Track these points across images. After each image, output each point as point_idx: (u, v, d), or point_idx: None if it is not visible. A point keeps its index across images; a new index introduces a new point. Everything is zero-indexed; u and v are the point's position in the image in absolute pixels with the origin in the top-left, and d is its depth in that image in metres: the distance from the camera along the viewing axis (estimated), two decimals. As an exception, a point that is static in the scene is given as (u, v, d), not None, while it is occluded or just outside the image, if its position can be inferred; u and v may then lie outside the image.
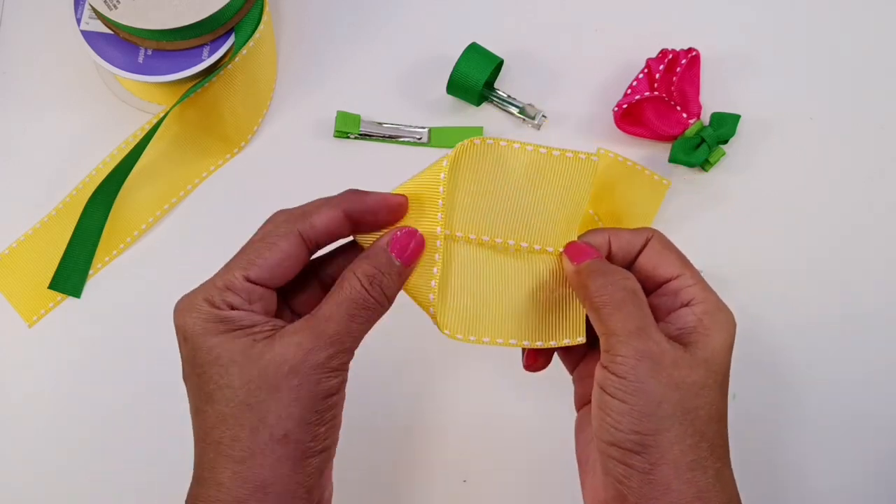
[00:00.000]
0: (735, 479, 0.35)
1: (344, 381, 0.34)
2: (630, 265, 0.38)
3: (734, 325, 0.36)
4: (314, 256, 0.37)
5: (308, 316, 0.34)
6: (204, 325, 0.33)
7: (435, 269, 0.36)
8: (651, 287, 0.38)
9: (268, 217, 0.36)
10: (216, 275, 0.34)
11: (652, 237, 0.38)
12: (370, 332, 0.35)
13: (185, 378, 0.34)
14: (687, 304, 0.36)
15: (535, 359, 0.40)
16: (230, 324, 0.33)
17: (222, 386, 0.32)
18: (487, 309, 0.38)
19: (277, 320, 0.34)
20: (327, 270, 0.38)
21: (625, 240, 0.38)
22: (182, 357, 0.34)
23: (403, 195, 0.36)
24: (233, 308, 0.33)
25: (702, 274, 0.37)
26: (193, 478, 0.34)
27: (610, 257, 0.38)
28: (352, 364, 0.34)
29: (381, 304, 0.34)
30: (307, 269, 0.37)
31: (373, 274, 0.34)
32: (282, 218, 0.35)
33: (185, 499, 0.34)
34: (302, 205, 0.35)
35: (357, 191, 0.36)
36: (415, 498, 0.51)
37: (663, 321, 0.36)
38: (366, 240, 0.36)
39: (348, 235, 0.36)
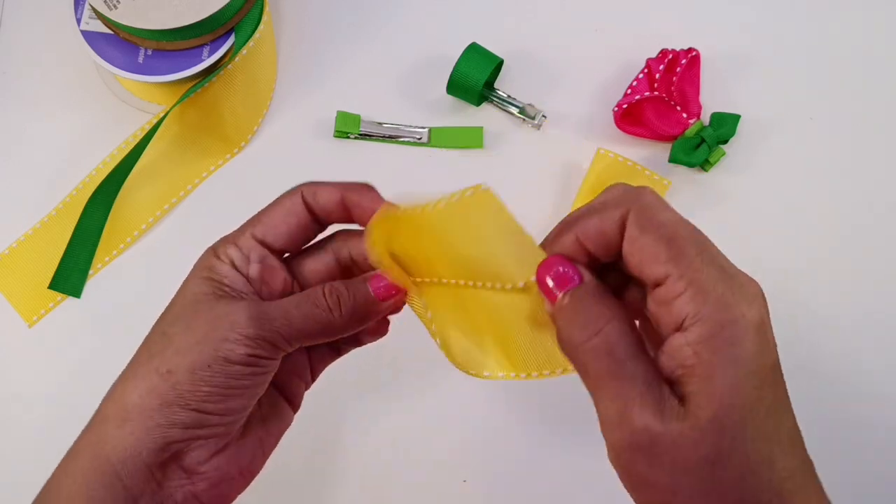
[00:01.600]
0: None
1: (255, 362, 0.32)
2: (618, 249, 0.30)
3: (751, 327, 0.27)
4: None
5: (274, 302, 0.34)
6: (199, 268, 0.34)
7: (429, 314, 0.35)
8: (650, 287, 0.30)
9: None
10: (232, 234, 0.36)
11: (629, 213, 0.29)
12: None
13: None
14: (680, 327, 0.27)
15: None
16: (214, 273, 0.34)
17: (166, 311, 0.34)
18: (483, 342, 0.35)
19: (254, 296, 0.34)
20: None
21: (593, 231, 0.30)
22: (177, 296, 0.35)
23: (389, 203, 0.35)
24: (233, 264, 0.34)
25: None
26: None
27: (590, 255, 0.31)
28: (352, 364, 0.34)
29: (331, 310, 0.34)
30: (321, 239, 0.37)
31: (338, 287, 0.34)
32: (298, 186, 0.36)
33: None
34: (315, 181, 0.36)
35: (367, 188, 0.35)
36: (415, 498, 0.51)
37: (663, 353, 0.28)
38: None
39: (346, 221, 0.36)
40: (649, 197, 0.29)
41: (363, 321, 0.35)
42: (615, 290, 0.31)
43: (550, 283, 0.30)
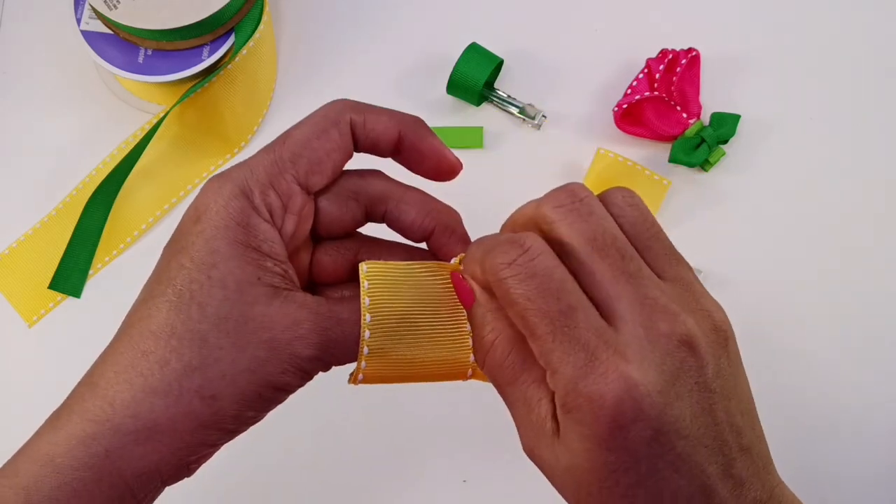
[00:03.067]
0: None
1: (301, 387, 0.29)
2: None
3: (607, 421, 0.24)
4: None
5: (324, 300, 0.29)
6: (226, 218, 0.28)
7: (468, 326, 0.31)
8: None
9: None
10: (258, 161, 0.29)
11: (495, 286, 0.27)
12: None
13: (165, 250, 0.30)
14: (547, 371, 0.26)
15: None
16: (251, 236, 0.28)
17: (194, 301, 0.28)
18: None
19: (291, 269, 0.29)
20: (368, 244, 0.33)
21: (481, 274, 0.28)
22: (180, 231, 0.30)
23: (459, 161, 0.32)
24: (271, 218, 0.29)
25: (700, 275, 0.31)
26: (89, 373, 0.30)
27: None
28: (351, 365, 0.33)
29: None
30: (351, 234, 0.33)
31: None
32: (336, 104, 0.31)
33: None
34: (362, 103, 0.31)
35: (423, 123, 0.32)
36: (415, 498, 0.51)
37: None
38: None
39: (390, 156, 0.32)
40: (518, 256, 0.26)
41: None
42: None
43: (460, 299, 0.30)
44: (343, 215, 0.32)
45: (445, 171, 0.32)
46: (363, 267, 0.30)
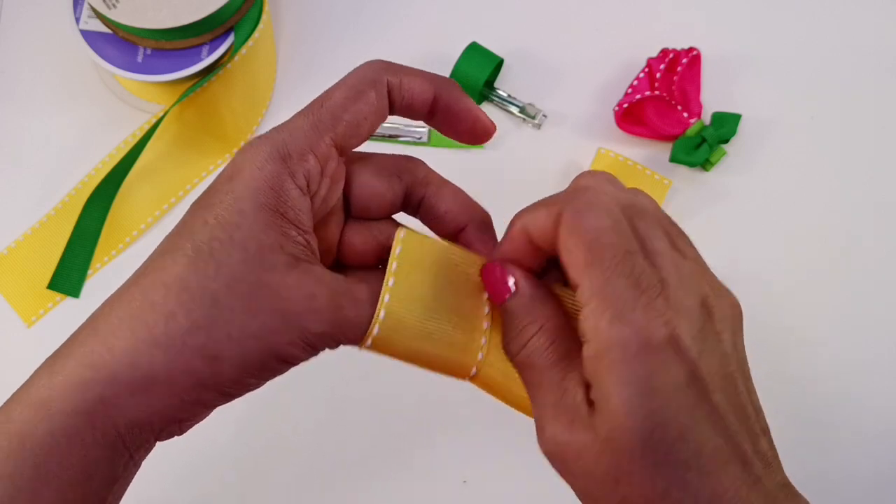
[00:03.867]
0: None
1: (305, 360, 0.29)
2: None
3: (647, 355, 0.25)
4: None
5: (343, 279, 0.29)
6: (257, 180, 0.28)
7: (485, 324, 0.31)
8: None
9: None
10: (296, 124, 0.29)
11: (562, 215, 0.27)
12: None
13: (193, 206, 0.29)
14: (584, 341, 0.27)
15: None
16: (280, 202, 0.28)
17: (213, 258, 0.27)
18: None
19: (313, 238, 0.29)
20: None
21: (538, 224, 0.28)
22: (214, 186, 0.29)
23: (494, 124, 0.32)
24: (307, 187, 0.28)
25: None
26: (93, 314, 0.29)
27: (535, 252, 0.30)
28: (352, 364, 0.32)
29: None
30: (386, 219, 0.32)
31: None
32: (372, 64, 0.31)
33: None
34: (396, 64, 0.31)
35: (458, 86, 0.31)
36: (415, 498, 0.51)
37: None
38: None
39: (422, 119, 0.32)
40: (588, 197, 0.28)
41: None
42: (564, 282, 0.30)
43: (492, 293, 0.30)
44: (385, 191, 0.32)
45: (480, 133, 0.32)
46: (400, 232, 0.30)
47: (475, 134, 0.32)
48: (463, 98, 0.31)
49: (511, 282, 0.30)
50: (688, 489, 0.26)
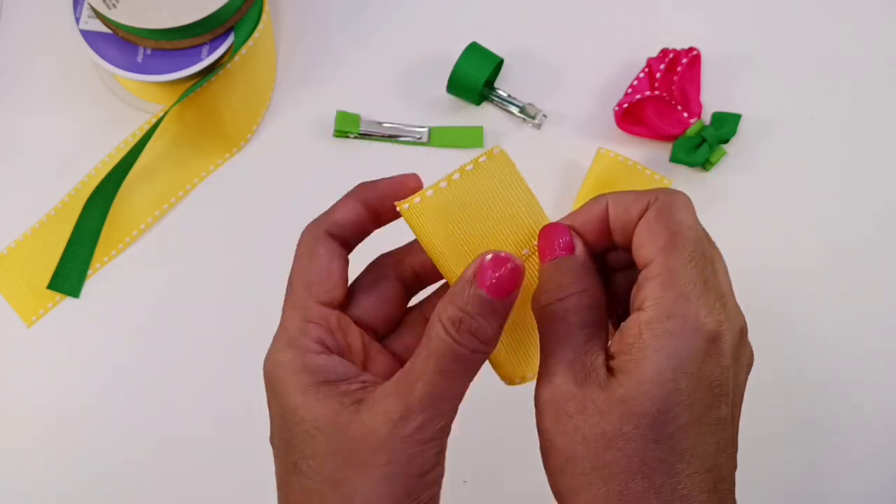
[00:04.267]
0: None
1: (442, 452, 0.30)
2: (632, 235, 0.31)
3: (698, 331, 0.27)
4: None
5: (398, 374, 0.29)
6: (287, 375, 0.29)
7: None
8: (629, 240, 0.31)
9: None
10: (285, 315, 0.31)
11: (656, 201, 0.30)
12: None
13: (271, 439, 0.31)
14: (639, 309, 0.28)
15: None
16: (316, 374, 0.29)
17: (307, 456, 0.29)
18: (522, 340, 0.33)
19: (367, 375, 0.31)
20: (425, 307, 0.35)
21: (623, 205, 0.30)
22: (270, 414, 0.31)
23: (415, 173, 0.33)
24: (322, 345, 0.30)
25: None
26: None
27: (610, 228, 0.31)
28: None
29: (476, 351, 0.29)
30: (407, 309, 0.34)
31: (459, 318, 0.28)
32: (308, 227, 0.33)
33: None
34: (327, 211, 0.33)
35: (368, 182, 0.33)
36: (415, 499, 0.51)
37: (619, 330, 0.30)
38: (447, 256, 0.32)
39: (376, 227, 0.34)
40: (680, 198, 0.30)
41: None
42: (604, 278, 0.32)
43: (546, 247, 0.31)
44: (387, 298, 0.34)
45: (412, 185, 0.33)
46: (496, 149, 0.32)
47: (407, 187, 0.33)
48: (380, 183, 0.33)
49: (577, 244, 0.31)
50: (671, 477, 0.27)
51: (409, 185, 0.33)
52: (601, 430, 0.27)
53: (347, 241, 0.33)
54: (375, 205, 0.33)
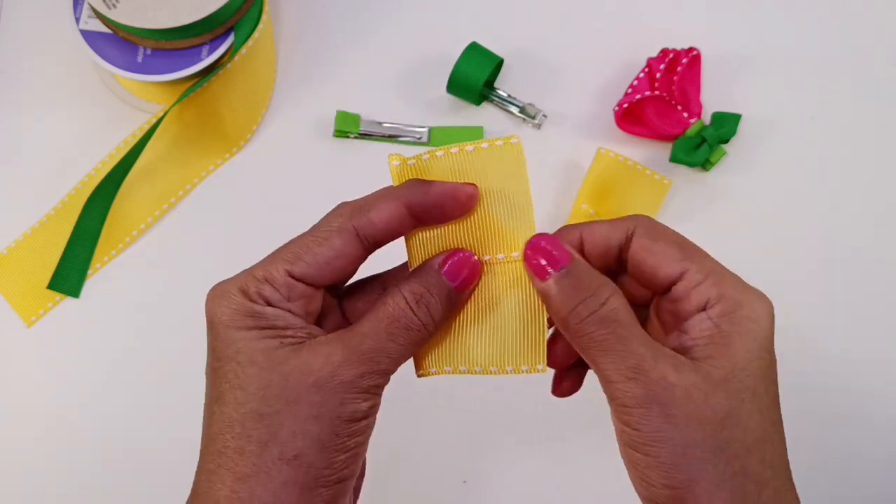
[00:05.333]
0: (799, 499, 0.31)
1: (375, 407, 0.30)
2: (612, 264, 0.33)
3: (765, 312, 0.30)
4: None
5: (344, 329, 0.30)
6: (232, 315, 0.30)
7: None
8: (660, 290, 0.32)
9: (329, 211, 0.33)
10: (257, 264, 0.31)
11: (634, 229, 0.31)
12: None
13: (206, 372, 0.31)
14: (704, 308, 0.30)
15: (560, 381, 0.35)
16: (261, 319, 0.30)
17: (235, 386, 0.29)
18: (457, 331, 0.33)
19: (314, 327, 0.31)
20: (391, 280, 0.34)
21: (599, 235, 0.32)
22: (207, 347, 0.31)
23: (474, 185, 0.32)
24: (269, 303, 0.30)
25: None
26: (192, 488, 0.31)
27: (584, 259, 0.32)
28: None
29: (425, 326, 0.31)
30: (372, 275, 0.34)
31: (421, 293, 0.31)
32: (340, 210, 0.32)
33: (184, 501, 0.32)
34: (363, 197, 0.32)
35: (421, 181, 0.32)
36: (415, 498, 0.51)
37: (678, 330, 0.31)
38: (417, 244, 0.33)
39: (409, 231, 0.33)
40: (652, 220, 0.32)
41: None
42: None
43: (542, 261, 0.31)
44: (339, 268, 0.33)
45: (464, 200, 0.32)
46: (513, 138, 0.32)
47: (460, 203, 0.32)
48: (431, 187, 0.31)
49: (572, 252, 0.31)
50: (775, 446, 0.30)
51: (465, 192, 0.32)
52: (712, 411, 0.28)
53: (376, 242, 0.32)
54: (421, 212, 0.31)
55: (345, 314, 0.34)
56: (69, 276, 0.53)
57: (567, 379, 0.35)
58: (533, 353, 0.32)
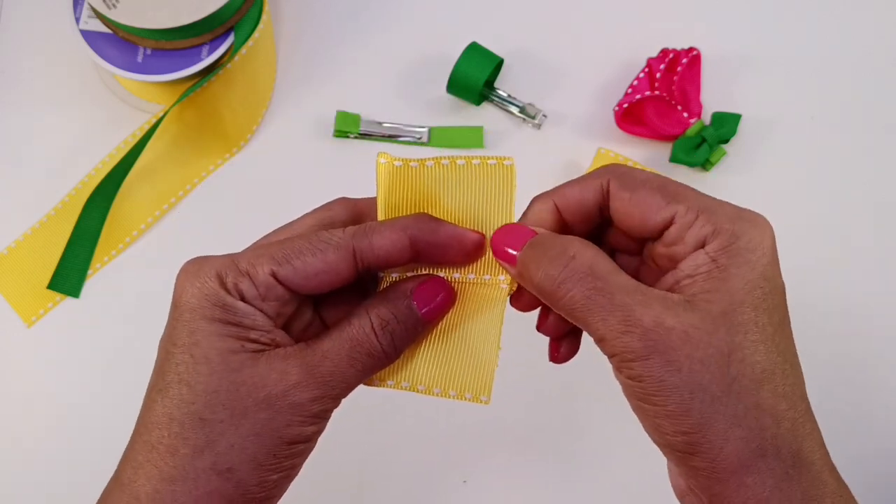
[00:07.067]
0: (821, 432, 0.30)
1: (319, 432, 0.30)
2: (595, 222, 0.32)
3: (764, 238, 0.29)
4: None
5: (304, 344, 0.29)
6: (201, 301, 0.28)
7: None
8: (653, 238, 0.31)
9: (326, 202, 0.32)
10: (244, 252, 0.30)
11: (609, 184, 0.30)
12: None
13: (159, 344, 0.30)
14: (702, 246, 0.29)
15: (557, 348, 0.33)
16: (229, 313, 0.28)
17: (183, 381, 0.28)
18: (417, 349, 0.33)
19: (280, 333, 0.30)
20: (372, 284, 0.33)
21: (573, 199, 0.31)
22: (167, 322, 0.30)
23: (482, 233, 0.31)
24: (242, 298, 0.29)
25: None
26: (115, 473, 0.30)
27: (565, 225, 0.32)
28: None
29: (387, 355, 0.30)
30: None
31: (388, 320, 0.30)
32: (341, 210, 0.31)
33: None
34: (370, 223, 0.31)
35: (431, 218, 0.31)
36: (415, 498, 0.51)
37: (672, 273, 0.29)
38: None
39: (406, 263, 0.31)
40: (624, 167, 0.31)
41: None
42: None
43: (507, 249, 0.30)
44: (337, 271, 0.31)
45: (471, 249, 0.31)
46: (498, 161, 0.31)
47: (465, 250, 0.31)
48: (441, 227, 0.31)
49: (533, 228, 0.31)
50: (786, 377, 0.28)
51: (472, 239, 0.31)
52: (715, 349, 0.27)
53: (369, 267, 0.30)
54: (424, 248, 0.30)
55: (318, 312, 0.33)
56: (69, 276, 0.53)
57: (563, 345, 0.33)
58: (479, 383, 0.31)
